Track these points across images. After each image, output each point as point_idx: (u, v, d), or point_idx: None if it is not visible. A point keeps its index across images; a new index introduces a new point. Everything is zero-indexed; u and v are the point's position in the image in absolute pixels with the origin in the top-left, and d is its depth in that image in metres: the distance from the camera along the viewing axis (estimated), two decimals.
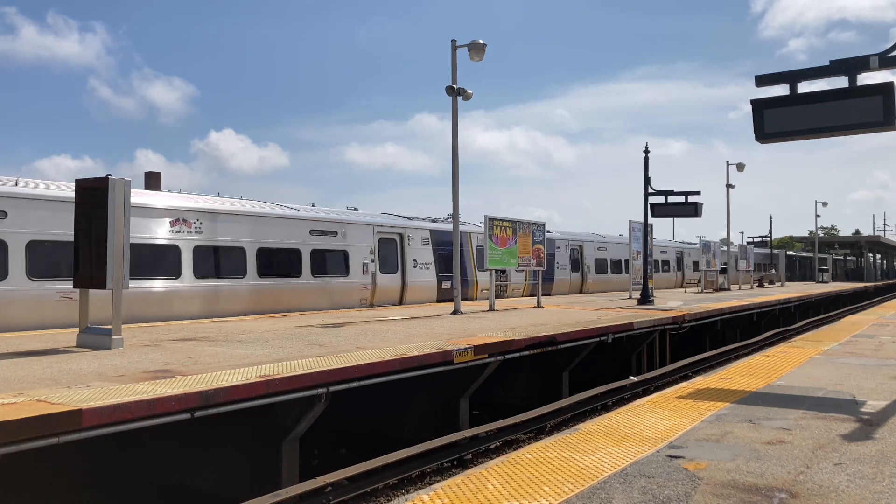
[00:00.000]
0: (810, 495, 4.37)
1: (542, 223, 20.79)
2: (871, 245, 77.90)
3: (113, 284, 9.29)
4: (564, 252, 29.04)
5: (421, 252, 21.60)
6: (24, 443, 5.19)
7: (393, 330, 12.23)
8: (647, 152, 22.18)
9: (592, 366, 13.80)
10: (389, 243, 20.59)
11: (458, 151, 17.75)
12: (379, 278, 19.93)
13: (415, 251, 21.33)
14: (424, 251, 21.76)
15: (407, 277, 20.92)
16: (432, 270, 21.95)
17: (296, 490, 7.04)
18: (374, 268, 19.67)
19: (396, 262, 20.74)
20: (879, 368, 9.62)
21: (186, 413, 6.27)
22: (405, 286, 20.87)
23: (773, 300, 25.73)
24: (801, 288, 40.55)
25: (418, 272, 21.38)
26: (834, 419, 6.49)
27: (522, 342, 10.82)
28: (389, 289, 20.39)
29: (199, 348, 9.52)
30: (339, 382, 7.71)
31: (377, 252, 19.90)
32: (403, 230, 21.15)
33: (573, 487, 4.55)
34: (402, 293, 20.76)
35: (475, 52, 17.05)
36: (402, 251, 20.88)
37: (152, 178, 26.96)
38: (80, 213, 9.63)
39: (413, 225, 21.90)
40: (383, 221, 20.93)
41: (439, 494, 4.46)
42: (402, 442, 8.99)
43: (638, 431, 6.09)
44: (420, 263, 21.48)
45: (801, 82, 8.10)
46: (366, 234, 19.69)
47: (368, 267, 19.48)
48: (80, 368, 7.68)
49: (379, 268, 19.95)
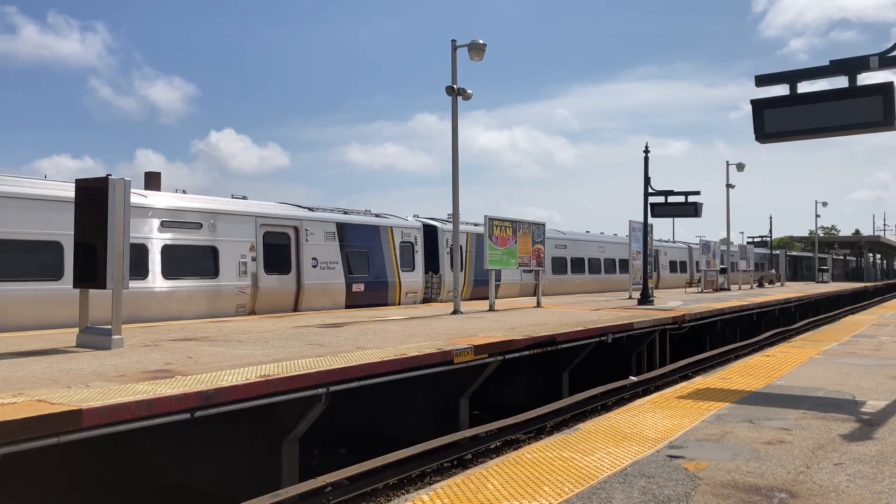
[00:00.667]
0: (810, 495, 4.37)
1: (542, 223, 20.79)
2: (871, 245, 77.93)
3: (113, 284, 9.30)
4: None
5: (324, 249, 18.42)
6: (24, 443, 5.19)
7: (393, 330, 12.23)
8: (647, 152, 22.19)
9: (592, 366, 13.80)
10: (279, 238, 17.41)
11: (458, 151, 17.76)
12: (263, 280, 16.72)
13: (315, 248, 18.12)
14: (329, 248, 18.59)
15: (304, 279, 17.71)
16: (339, 271, 18.80)
17: (296, 490, 7.04)
18: (255, 267, 16.57)
19: (289, 261, 17.54)
20: (879, 368, 9.62)
21: (186, 413, 6.27)
22: (301, 290, 17.70)
23: (773, 300, 25.73)
24: (801, 288, 40.55)
25: (320, 273, 18.17)
26: (834, 419, 6.48)
27: (522, 342, 10.82)
28: (278, 293, 17.21)
29: (199, 348, 9.52)
30: (339, 382, 7.71)
31: (261, 249, 16.80)
32: (299, 223, 17.87)
33: (573, 487, 4.55)
34: (297, 298, 17.65)
35: (475, 52, 17.06)
36: (298, 248, 17.69)
37: (152, 178, 26.95)
38: (80, 213, 9.63)
39: (313, 217, 18.57)
40: (270, 212, 17.61)
41: (439, 494, 4.46)
42: (402, 442, 8.99)
43: (638, 431, 6.09)
44: (323, 263, 18.29)
45: (801, 82, 8.10)
46: (244, 227, 16.44)
47: (248, 266, 16.31)
48: (80, 368, 7.68)
49: (263, 268, 16.82)
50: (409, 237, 21.57)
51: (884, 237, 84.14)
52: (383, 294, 20.40)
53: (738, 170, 37.21)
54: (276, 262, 17.25)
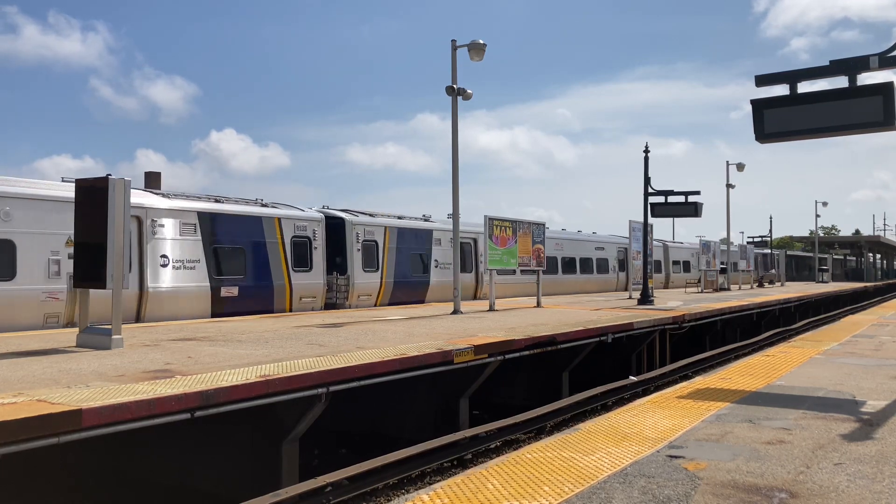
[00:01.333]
0: (810, 495, 4.37)
1: (542, 223, 20.79)
2: (871, 245, 77.97)
3: (113, 284, 9.30)
4: (448, 247, 21.92)
5: (180, 245, 15.29)
6: (24, 443, 5.19)
7: (393, 330, 12.23)
8: (647, 152, 22.20)
9: (592, 366, 13.80)
10: None
11: (458, 151, 17.76)
12: None
13: (167, 244, 15.04)
14: (187, 244, 15.42)
15: (148, 282, 14.60)
16: (202, 272, 15.63)
17: (296, 490, 7.04)
18: None
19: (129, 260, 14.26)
20: (879, 368, 9.62)
21: (186, 413, 6.27)
22: (144, 295, 14.51)
23: (773, 300, 25.74)
24: (801, 288, 40.56)
25: (173, 274, 15.09)
26: (834, 419, 6.49)
27: (522, 342, 10.82)
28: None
29: (199, 348, 9.53)
30: (339, 382, 7.71)
31: None
32: (143, 212, 14.60)
33: (573, 487, 4.55)
34: (139, 305, 14.50)
35: (475, 53, 17.07)
36: (141, 243, 14.59)
37: (152, 178, 26.98)
38: (80, 213, 9.64)
39: (164, 205, 15.29)
40: None
41: (439, 494, 4.46)
42: (403, 442, 8.99)
43: (638, 431, 6.09)
44: (178, 261, 15.19)
45: (801, 82, 8.10)
46: (57, 217, 13.02)
47: (61, 267, 13.05)
48: (80, 368, 7.69)
49: None
50: (304, 231, 18.13)
51: (884, 237, 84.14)
52: (267, 299, 17.00)
53: (738, 170, 37.24)
54: None
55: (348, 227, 19.64)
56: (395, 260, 20.91)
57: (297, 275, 17.63)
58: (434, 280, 22.35)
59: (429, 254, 22.33)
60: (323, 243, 18.64)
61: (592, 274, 31.61)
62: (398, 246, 21.06)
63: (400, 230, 21.24)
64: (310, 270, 18.18)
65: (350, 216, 19.97)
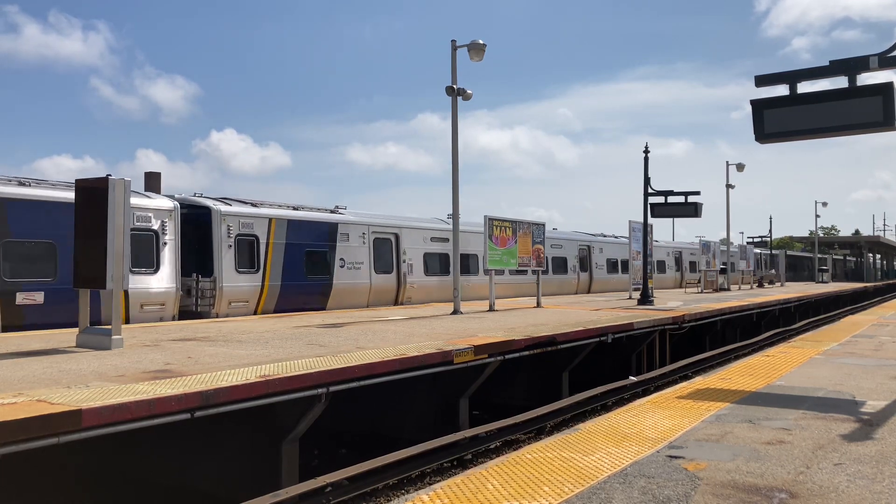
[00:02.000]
0: (810, 495, 4.38)
1: (542, 223, 20.79)
2: (870, 245, 78.00)
3: (113, 284, 9.30)
4: (359, 244, 19.10)
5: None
6: (24, 443, 5.19)
7: (393, 330, 12.23)
8: (647, 152, 22.21)
9: (592, 366, 13.80)
10: None
11: (458, 151, 17.73)
12: None
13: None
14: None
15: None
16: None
17: (296, 490, 7.04)
18: None
19: None
20: (879, 368, 9.62)
21: (186, 413, 6.27)
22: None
23: (773, 300, 25.74)
24: (801, 288, 40.56)
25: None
26: (834, 419, 6.49)
27: (522, 342, 10.82)
28: None
29: (199, 348, 9.53)
30: (339, 382, 7.71)
31: None
32: None
33: (573, 487, 4.55)
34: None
35: (475, 53, 17.06)
36: None
37: (152, 179, 26.95)
38: (80, 213, 9.63)
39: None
40: None
41: (439, 494, 4.46)
42: (402, 442, 8.99)
43: (638, 431, 6.09)
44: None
45: (801, 82, 8.10)
46: None
47: None
48: (80, 368, 7.68)
49: None
50: (147, 223, 14.64)
51: (884, 237, 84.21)
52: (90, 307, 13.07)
53: (737, 170, 37.23)
54: None
55: (215, 217, 15.91)
56: (283, 259, 17.21)
57: (137, 277, 13.96)
58: (339, 283, 18.40)
59: (332, 251, 18.31)
60: (176, 238, 15.09)
61: (548, 274, 26.84)
62: (289, 242, 17.39)
63: (291, 222, 17.53)
64: (154, 272, 14.70)
65: (219, 205, 16.27)
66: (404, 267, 20.48)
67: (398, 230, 20.53)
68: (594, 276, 30.65)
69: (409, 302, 20.43)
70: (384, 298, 19.74)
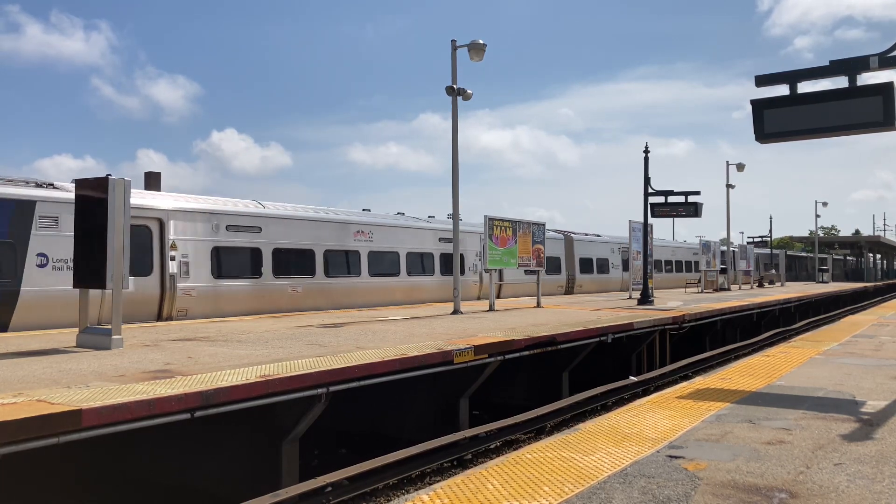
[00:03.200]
0: (810, 495, 4.37)
1: (542, 223, 20.78)
2: (871, 245, 77.90)
3: (113, 284, 9.30)
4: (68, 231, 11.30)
5: None
6: (24, 443, 5.19)
7: (393, 330, 12.23)
8: (647, 152, 22.20)
9: (592, 366, 13.80)
10: None
11: (458, 151, 17.73)
12: None
13: None
14: None
15: None
16: None
17: (296, 490, 7.04)
18: None
19: None
20: (879, 368, 9.62)
21: (186, 413, 6.27)
22: None
23: (773, 300, 25.73)
24: (801, 288, 40.55)
25: None
26: (834, 419, 6.48)
27: (522, 342, 10.82)
28: None
29: (199, 348, 9.52)
30: (339, 382, 7.71)
31: None
32: None
33: (573, 487, 4.55)
34: None
35: (475, 53, 17.05)
36: None
37: (152, 179, 26.93)
38: (80, 213, 9.63)
39: None
40: None
41: (439, 494, 4.46)
42: (403, 442, 8.99)
43: (638, 431, 6.09)
44: None
45: (802, 82, 8.10)
46: None
47: None
48: (79, 368, 7.68)
49: None
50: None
51: (884, 237, 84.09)
52: None
53: (738, 170, 37.25)
54: None
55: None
56: None
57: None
58: (29, 290, 12.47)
59: (22, 246, 12.42)
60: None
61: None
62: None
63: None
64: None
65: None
66: (172, 266, 14.61)
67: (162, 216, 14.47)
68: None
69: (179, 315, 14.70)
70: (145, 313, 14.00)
